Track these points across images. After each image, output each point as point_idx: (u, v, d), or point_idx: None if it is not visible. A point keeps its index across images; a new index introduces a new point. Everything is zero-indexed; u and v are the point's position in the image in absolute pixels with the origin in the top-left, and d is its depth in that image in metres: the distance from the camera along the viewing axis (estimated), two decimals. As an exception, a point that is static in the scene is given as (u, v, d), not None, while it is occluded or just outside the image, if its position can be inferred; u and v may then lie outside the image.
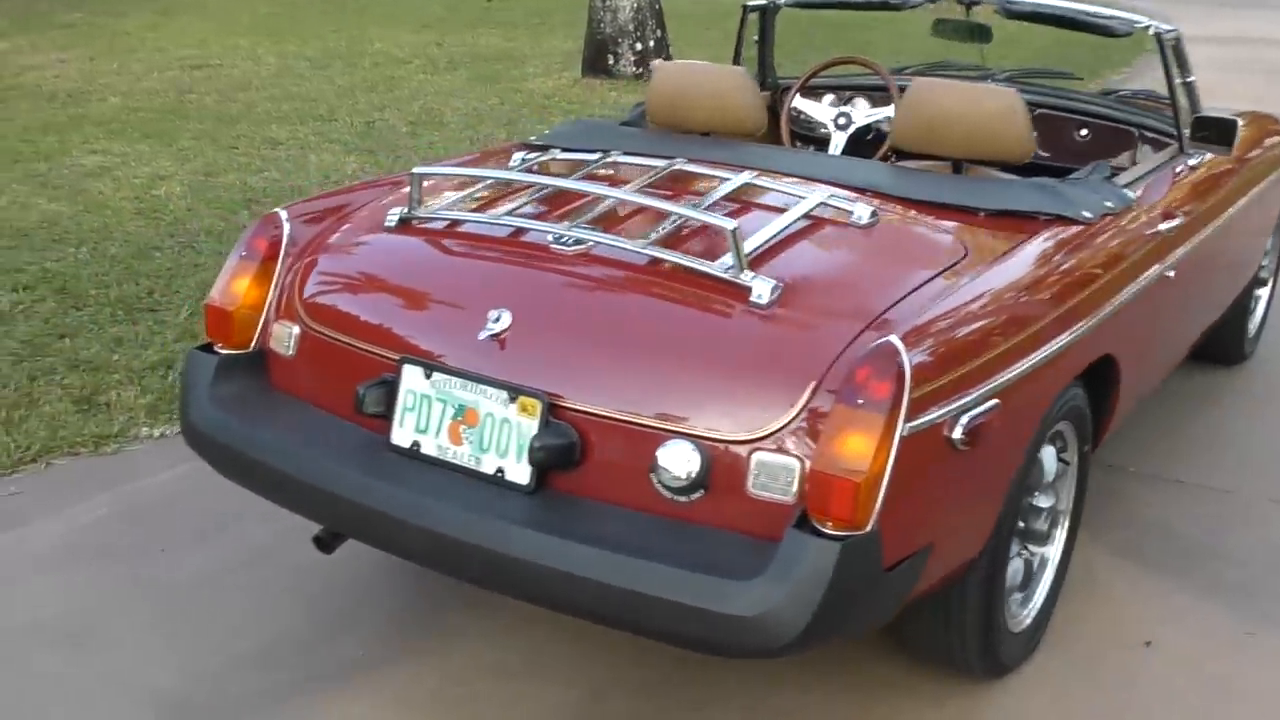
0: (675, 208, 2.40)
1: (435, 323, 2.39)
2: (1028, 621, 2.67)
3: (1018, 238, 2.51)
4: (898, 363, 1.98)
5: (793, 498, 2.02)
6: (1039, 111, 3.64)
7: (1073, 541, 2.81)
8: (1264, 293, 4.50)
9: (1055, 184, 2.72)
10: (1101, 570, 3.10)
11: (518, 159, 2.93)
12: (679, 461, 2.07)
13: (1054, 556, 2.74)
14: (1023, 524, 2.55)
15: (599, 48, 9.77)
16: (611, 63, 9.71)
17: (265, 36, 11.49)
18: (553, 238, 2.40)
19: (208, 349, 2.62)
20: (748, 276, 2.19)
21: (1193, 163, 3.33)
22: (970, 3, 3.65)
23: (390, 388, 2.32)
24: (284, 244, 2.63)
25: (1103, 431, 2.87)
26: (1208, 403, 4.18)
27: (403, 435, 2.31)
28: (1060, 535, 2.76)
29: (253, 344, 2.59)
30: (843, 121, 3.69)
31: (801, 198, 2.50)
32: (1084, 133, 3.72)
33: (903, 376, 1.97)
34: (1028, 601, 2.69)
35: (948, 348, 2.12)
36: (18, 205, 5.73)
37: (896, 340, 2.01)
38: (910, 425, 1.98)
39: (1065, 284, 2.47)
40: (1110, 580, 3.07)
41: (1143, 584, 3.07)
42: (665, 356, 2.17)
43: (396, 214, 2.58)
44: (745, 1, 3.90)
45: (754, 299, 2.17)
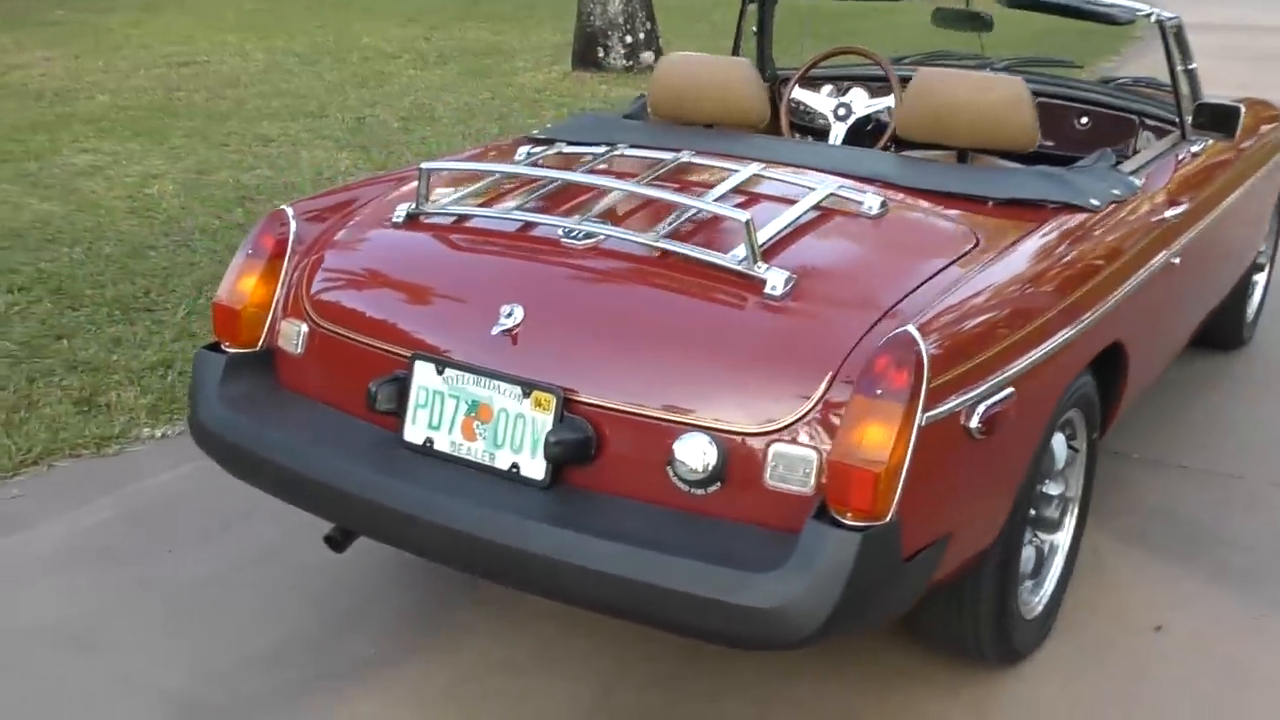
0: (688, 200, 2.39)
1: (447, 319, 2.38)
2: (1039, 609, 2.67)
3: (1028, 226, 2.51)
4: (916, 352, 1.97)
5: (811, 489, 2.02)
6: (1039, 100, 3.63)
7: (1082, 528, 2.82)
8: (1261, 278, 4.52)
9: (1063, 172, 2.72)
10: (1109, 556, 3.11)
11: (523, 153, 2.91)
12: (696, 454, 2.07)
13: (1064, 543, 2.75)
14: (1034, 511, 2.55)
15: (589, 41, 9.74)
16: (601, 56, 9.68)
17: (251, 32, 11.42)
18: (563, 232, 2.39)
19: (215, 348, 2.60)
20: (761, 268, 2.19)
21: (1195, 149, 3.33)
22: None
23: (402, 384, 2.31)
24: (291, 241, 2.61)
25: (1110, 418, 2.88)
26: (1207, 388, 4.20)
27: (415, 432, 2.30)
28: (1070, 522, 2.76)
29: (260, 342, 2.58)
30: (842, 112, 3.68)
31: (811, 189, 2.50)
32: (1084, 121, 3.72)
33: (921, 366, 1.97)
34: (1039, 588, 2.69)
35: (963, 337, 2.12)
36: (9, 205, 5.68)
37: (914, 330, 2.00)
38: (928, 415, 1.98)
39: (1076, 272, 2.47)
40: (1117, 566, 3.08)
41: (1150, 569, 3.08)
42: (680, 349, 2.16)
43: (404, 210, 2.56)
44: None
45: (768, 291, 2.16)
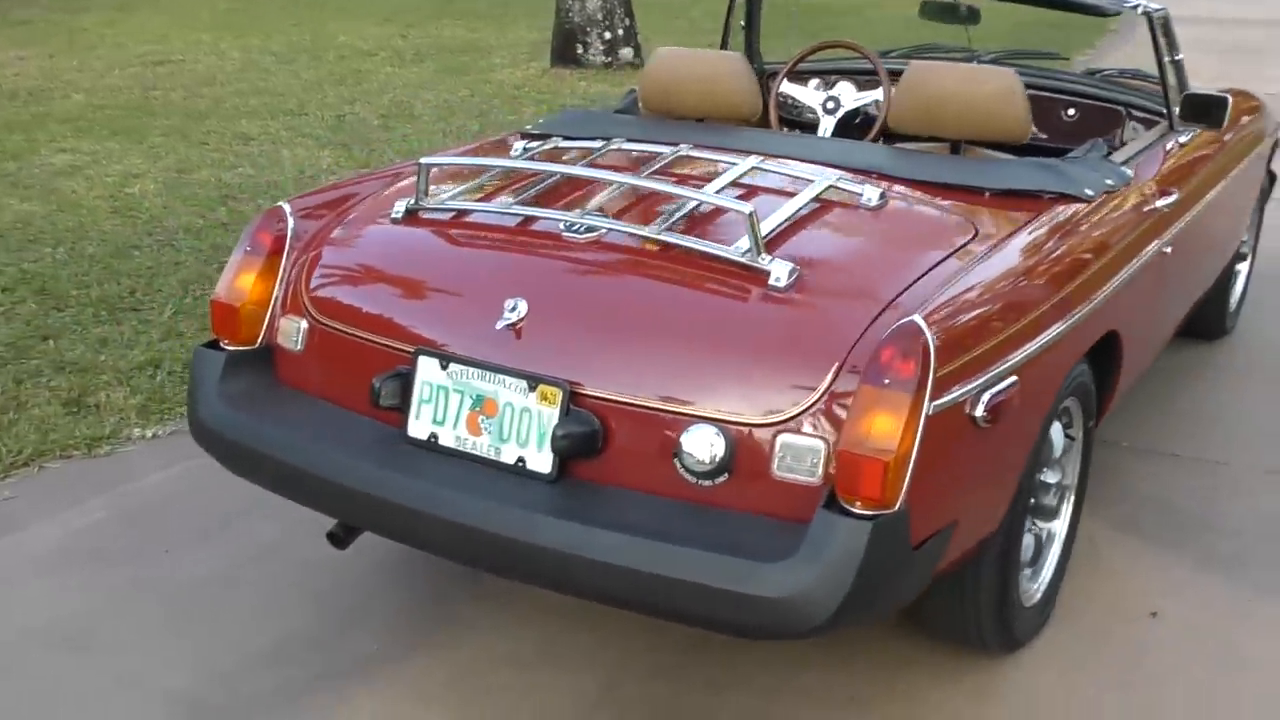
0: (689, 193, 2.40)
1: (450, 314, 2.38)
2: (1038, 596, 2.69)
3: (1025, 217, 2.52)
4: (922, 342, 1.99)
5: (818, 479, 2.03)
6: (1027, 92, 3.66)
7: (1078, 516, 2.85)
8: (1244, 268, 4.57)
9: (1057, 163, 2.74)
10: (1103, 544, 3.14)
11: (518, 148, 2.91)
12: (703, 446, 2.07)
13: (1061, 531, 2.77)
14: (1032, 500, 2.57)
15: (567, 37, 9.72)
16: (580, 52, 9.67)
17: (226, 31, 11.36)
18: (564, 226, 2.39)
19: (213, 345, 2.59)
20: (765, 260, 2.19)
21: (1182, 140, 3.37)
22: None
23: (405, 380, 2.30)
24: (289, 238, 2.60)
25: (1105, 407, 2.90)
26: (1193, 377, 4.24)
27: (419, 427, 2.30)
28: (1067, 510, 2.79)
29: (259, 340, 2.57)
30: (831, 106, 3.69)
31: (810, 181, 2.51)
32: (1071, 112, 3.75)
33: (928, 355, 1.98)
34: (1037, 576, 2.71)
35: (967, 327, 2.13)
36: (-11, 206, 5.64)
37: (920, 319, 2.02)
38: (935, 404, 1.99)
39: (1074, 262, 2.49)
40: (1112, 554, 3.10)
41: (1143, 557, 3.11)
42: (685, 341, 2.17)
43: (403, 205, 2.56)
44: None
45: (772, 282, 2.17)
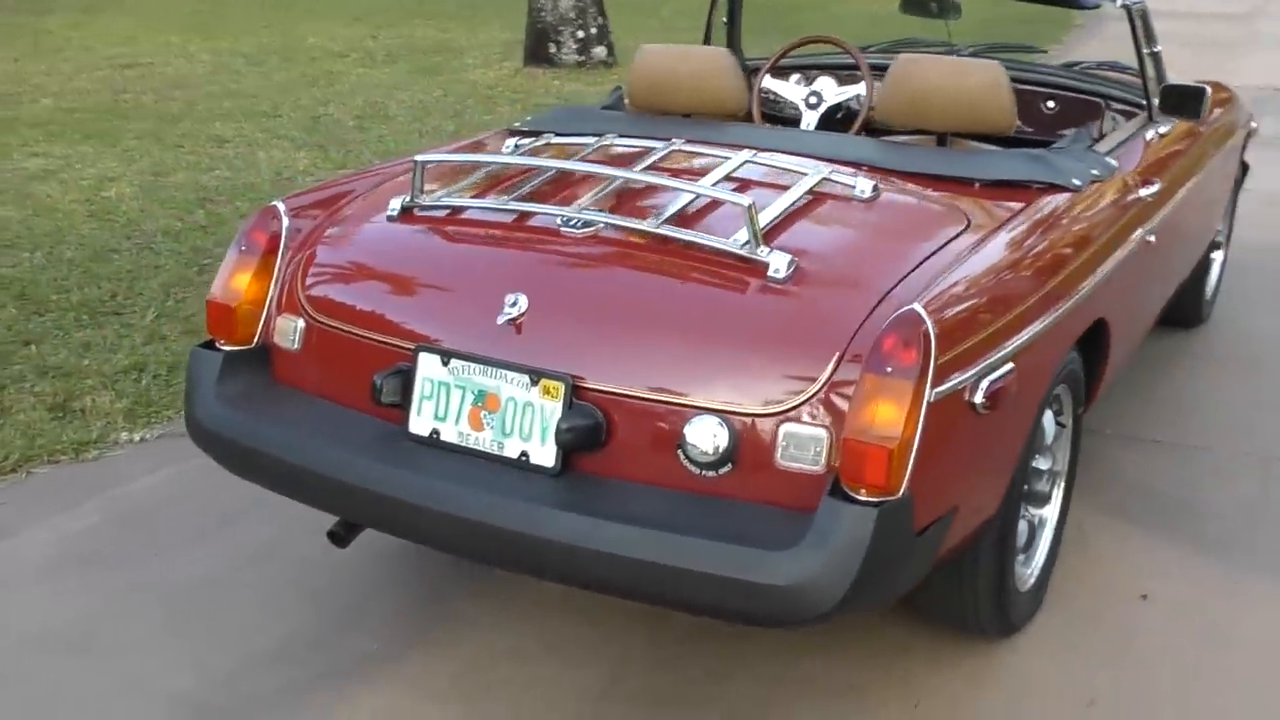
0: (687, 186, 2.41)
1: (450, 310, 2.38)
2: (1031, 581, 2.73)
3: (1015, 206, 2.56)
4: (923, 330, 2.01)
5: (821, 467, 2.05)
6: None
7: (1069, 502, 2.89)
8: (1219, 256, 4.63)
9: (1045, 154, 2.77)
10: (1091, 530, 3.18)
11: (510, 145, 2.92)
12: (706, 436, 2.10)
13: (1052, 517, 2.81)
14: (1026, 486, 2.60)
15: (540, 36, 9.71)
16: (553, 51, 9.66)
17: (195, 34, 11.27)
18: (561, 221, 2.40)
19: (210, 346, 2.59)
20: (764, 252, 2.22)
21: (1162, 131, 3.42)
22: None
23: (406, 377, 2.31)
24: (284, 237, 2.60)
25: (1093, 394, 2.94)
26: (1172, 365, 4.30)
27: (421, 423, 2.30)
28: (1058, 496, 2.83)
29: (255, 339, 2.57)
30: (814, 100, 3.71)
31: (804, 174, 2.53)
32: (1051, 105, 3.80)
33: (929, 343, 2.01)
34: (1030, 562, 2.75)
35: (965, 315, 2.16)
36: (-37, 212, 5.58)
37: (920, 308, 2.05)
38: (936, 391, 2.02)
39: (1065, 250, 2.53)
40: (1100, 539, 3.15)
41: (1131, 541, 3.16)
42: (686, 334, 2.19)
43: (399, 203, 2.56)
44: None
45: (771, 274, 2.20)
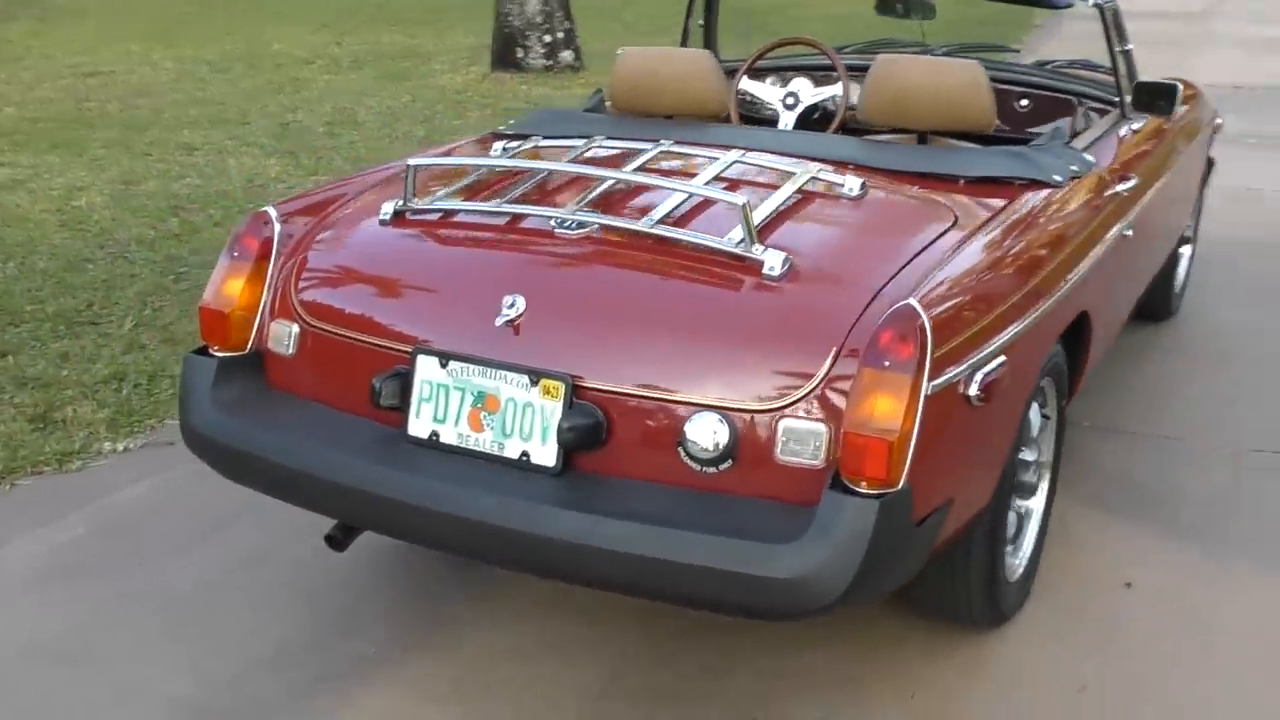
0: (684, 186, 2.44)
1: (447, 312, 2.40)
2: (1019, 572, 2.78)
3: (1000, 203, 2.61)
4: (919, 324, 2.05)
5: (821, 461, 2.08)
6: None
7: (1053, 493, 2.94)
8: (1187, 250, 4.71)
9: (1026, 150, 2.83)
10: (1072, 520, 3.23)
11: (498, 148, 2.94)
12: (707, 433, 2.12)
13: (1038, 508, 2.86)
14: (1015, 478, 2.65)
15: (507, 41, 9.71)
16: (521, 56, 9.65)
17: (156, 41, 11.19)
18: (555, 223, 2.42)
19: (203, 352, 2.59)
20: (759, 250, 2.25)
21: (1135, 127, 3.49)
22: None
23: (404, 379, 2.32)
24: (276, 242, 2.61)
25: (1075, 386, 3.00)
26: (1143, 358, 4.38)
27: (420, 426, 2.32)
28: (1043, 488, 2.87)
29: (249, 345, 2.57)
30: (791, 101, 3.76)
31: (792, 173, 2.57)
32: (1024, 102, 3.86)
33: (925, 337, 2.04)
34: (1018, 552, 2.80)
35: (958, 310, 2.20)
36: (-69, 223, 5.52)
37: (915, 303, 2.08)
38: (933, 384, 2.06)
39: (1051, 244, 2.58)
40: (1082, 529, 3.21)
41: (1111, 530, 3.22)
42: (684, 332, 2.21)
43: (391, 207, 2.57)
44: None
45: (767, 271, 2.23)
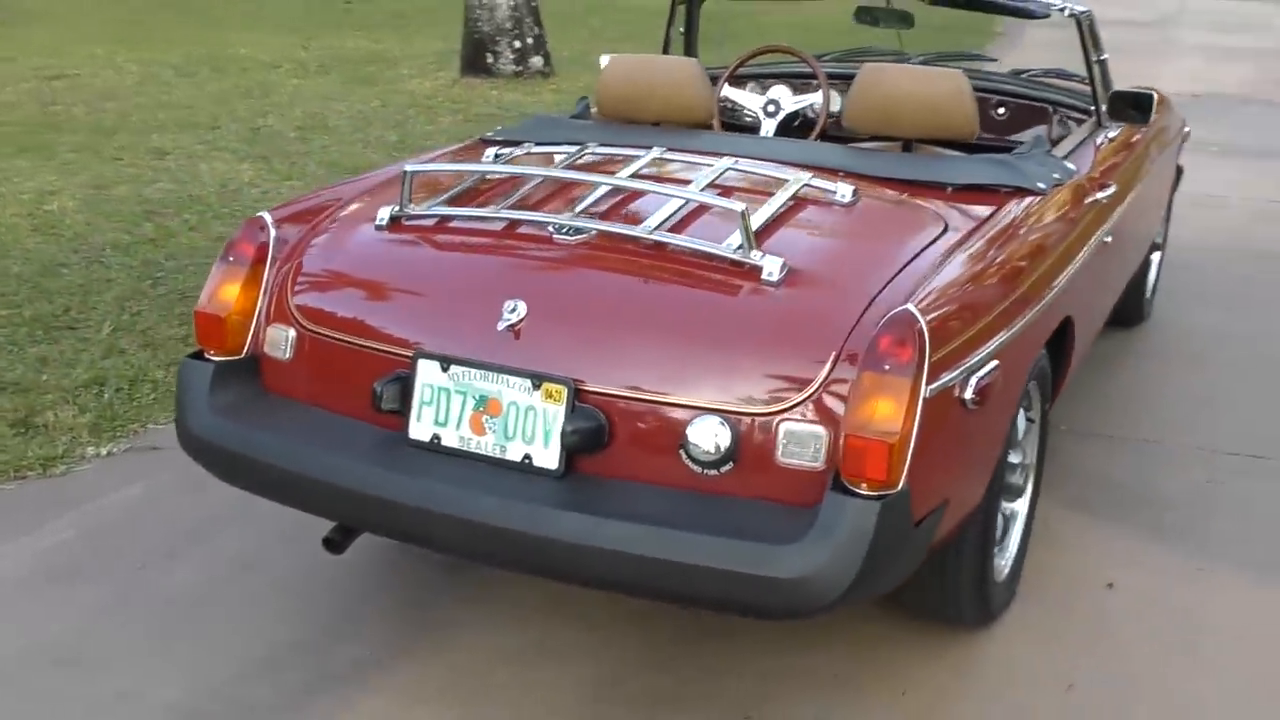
0: (682, 192, 2.47)
1: (448, 317, 2.41)
2: (1006, 571, 2.83)
3: (987, 210, 2.65)
4: (917, 329, 2.09)
5: (821, 463, 2.12)
6: None
7: (1038, 494, 2.99)
8: (1157, 257, 4.80)
9: (1009, 158, 2.88)
10: (1055, 522, 3.29)
11: (490, 155, 2.95)
12: (708, 436, 2.15)
13: (1023, 510, 2.91)
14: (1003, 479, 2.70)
15: (477, 46, 9.71)
16: (491, 61, 9.66)
17: (120, 45, 11.08)
18: (554, 228, 2.44)
19: (199, 356, 2.59)
20: (757, 255, 2.28)
21: (1111, 135, 3.56)
22: None
23: (405, 383, 2.34)
24: (271, 247, 2.61)
25: (1058, 390, 3.05)
26: (1117, 364, 4.45)
27: (421, 429, 2.33)
28: (1029, 489, 2.93)
29: (245, 350, 2.57)
30: (771, 109, 3.80)
31: (785, 180, 2.60)
32: (1001, 111, 3.92)
33: (923, 341, 2.09)
34: (1004, 553, 2.84)
35: (953, 314, 2.24)
36: (-100, 228, 5.45)
37: (913, 308, 2.12)
38: (931, 387, 2.10)
39: (1038, 251, 2.63)
40: (1064, 530, 3.26)
41: (1093, 531, 3.28)
42: (684, 336, 2.24)
43: (387, 212, 2.58)
44: None
45: (765, 276, 2.26)
